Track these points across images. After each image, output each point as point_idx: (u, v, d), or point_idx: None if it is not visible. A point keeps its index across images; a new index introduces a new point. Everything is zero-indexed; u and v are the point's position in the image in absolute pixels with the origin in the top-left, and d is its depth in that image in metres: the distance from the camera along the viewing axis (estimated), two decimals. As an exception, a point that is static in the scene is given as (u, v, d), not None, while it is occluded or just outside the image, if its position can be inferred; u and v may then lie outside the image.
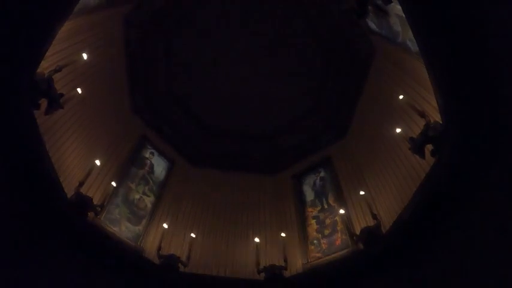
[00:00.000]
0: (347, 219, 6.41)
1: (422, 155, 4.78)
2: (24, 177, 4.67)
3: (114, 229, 6.21)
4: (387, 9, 4.79)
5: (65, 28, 4.33)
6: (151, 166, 7.89)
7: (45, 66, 4.53)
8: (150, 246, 6.58)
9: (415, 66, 4.99)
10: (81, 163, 5.95)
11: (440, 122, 4.42)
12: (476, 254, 4.17)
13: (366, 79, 6.97)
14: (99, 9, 5.47)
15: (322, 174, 8.06)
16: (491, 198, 4.06)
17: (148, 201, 7.31)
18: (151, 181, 7.65)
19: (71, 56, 5.24)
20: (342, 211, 6.47)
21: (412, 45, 4.55)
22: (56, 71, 4.67)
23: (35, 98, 4.41)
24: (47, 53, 4.24)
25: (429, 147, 4.64)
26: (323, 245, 6.65)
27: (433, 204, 4.64)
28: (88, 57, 5.38)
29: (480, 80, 3.79)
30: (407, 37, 4.68)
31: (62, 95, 4.83)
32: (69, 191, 5.38)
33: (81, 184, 5.50)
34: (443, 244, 4.64)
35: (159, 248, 6.28)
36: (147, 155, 7.94)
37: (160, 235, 6.52)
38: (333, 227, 6.78)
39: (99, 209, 5.82)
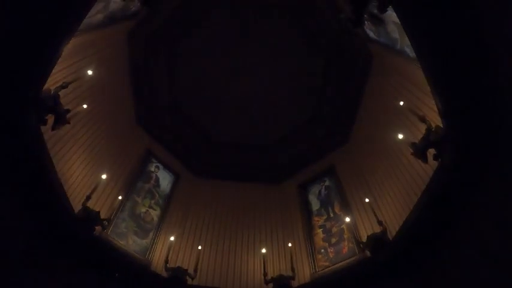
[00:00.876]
0: (353, 227, 6.40)
1: (424, 159, 4.78)
2: (31, 192, 4.72)
3: (121, 243, 6.25)
4: (383, 18, 4.87)
5: (70, 45, 4.42)
6: (157, 180, 7.96)
7: (51, 82, 4.62)
8: (158, 259, 6.60)
9: (414, 72, 5.02)
10: (87, 177, 6.01)
11: (442, 126, 4.43)
12: (482, 259, 4.13)
13: (366, 86, 7.03)
14: (102, 26, 5.60)
15: (327, 183, 8.08)
16: (495, 199, 4.04)
17: (155, 214, 7.36)
18: (157, 194, 7.71)
19: (77, 72, 5.36)
20: (347, 219, 6.46)
21: (411, 51, 4.59)
22: (62, 87, 4.77)
23: (41, 114, 4.50)
24: (53, 70, 4.34)
25: (431, 151, 4.64)
26: (330, 254, 6.63)
27: (438, 208, 4.62)
28: (93, 72, 5.49)
29: (480, 82, 3.81)
30: (405, 43, 4.74)
31: (68, 110, 4.91)
32: (76, 205, 5.44)
33: (88, 198, 5.55)
34: (450, 248, 4.61)
35: (167, 261, 6.28)
36: (153, 168, 8.03)
37: (167, 248, 6.52)
38: (340, 235, 6.77)
39: (106, 223, 5.87)
